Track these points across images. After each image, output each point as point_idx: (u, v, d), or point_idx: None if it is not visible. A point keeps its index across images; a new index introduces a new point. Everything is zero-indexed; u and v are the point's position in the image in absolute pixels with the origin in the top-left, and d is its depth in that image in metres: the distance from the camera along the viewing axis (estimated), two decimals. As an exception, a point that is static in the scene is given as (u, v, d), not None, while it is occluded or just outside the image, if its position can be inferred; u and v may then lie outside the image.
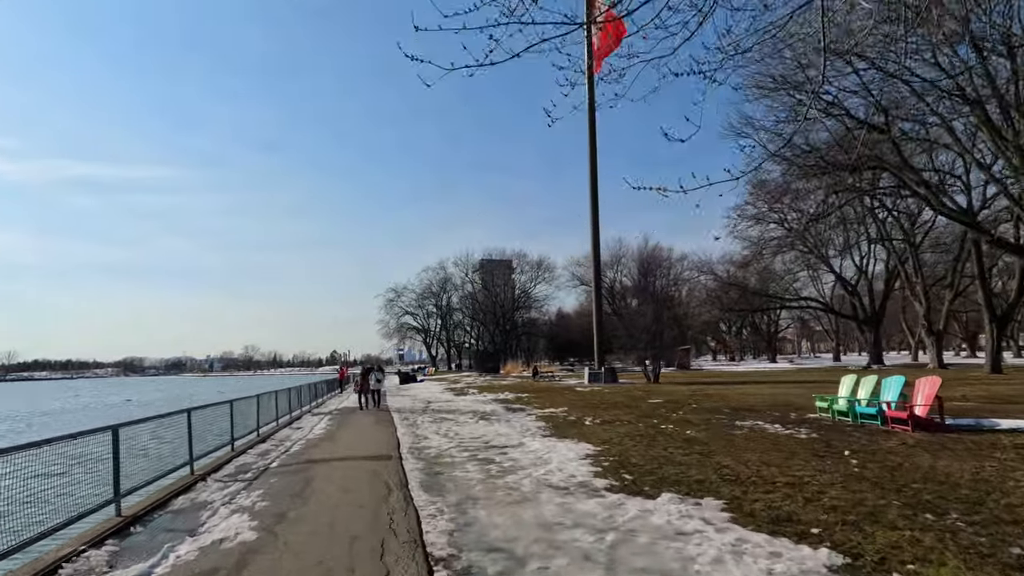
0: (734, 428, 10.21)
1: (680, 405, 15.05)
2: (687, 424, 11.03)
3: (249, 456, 9.45)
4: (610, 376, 27.95)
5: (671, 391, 20.66)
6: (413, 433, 11.59)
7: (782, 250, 49.98)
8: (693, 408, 14.16)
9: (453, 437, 10.78)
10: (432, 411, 17.02)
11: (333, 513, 5.46)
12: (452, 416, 15.02)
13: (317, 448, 9.84)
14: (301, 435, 12.09)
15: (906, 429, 8.84)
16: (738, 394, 18.11)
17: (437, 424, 13.16)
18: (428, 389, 31.38)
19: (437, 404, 19.71)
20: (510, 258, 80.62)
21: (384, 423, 13.89)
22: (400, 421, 14.05)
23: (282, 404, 15.29)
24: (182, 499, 6.43)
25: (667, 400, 16.80)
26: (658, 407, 14.81)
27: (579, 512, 5.24)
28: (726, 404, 14.80)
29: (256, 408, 12.14)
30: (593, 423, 12.00)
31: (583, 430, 10.94)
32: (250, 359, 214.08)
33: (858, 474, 6.17)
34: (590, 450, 8.54)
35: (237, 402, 11.28)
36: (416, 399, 23.01)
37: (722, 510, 5.10)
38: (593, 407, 15.60)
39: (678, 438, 9.30)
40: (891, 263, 44.04)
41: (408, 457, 8.51)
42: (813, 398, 12.69)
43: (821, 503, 5.10)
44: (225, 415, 10.24)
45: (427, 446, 9.74)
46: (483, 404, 18.86)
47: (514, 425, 12.42)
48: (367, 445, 9.99)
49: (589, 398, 19.01)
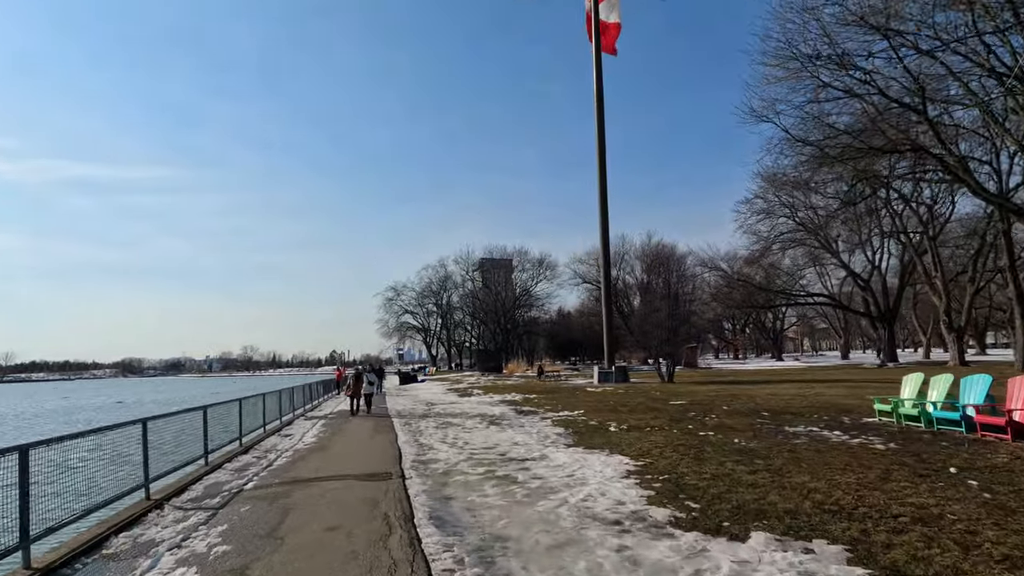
0: (788, 436, 8.81)
1: (709, 407, 13.65)
2: (730, 431, 9.62)
3: (224, 473, 8.02)
4: (621, 375, 26.57)
5: (691, 391, 19.26)
6: (416, 442, 10.17)
7: (792, 245, 48.73)
8: (726, 411, 12.76)
9: (463, 447, 9.37)
10: (436, 415, 15.60)
11: (311, 563, 4.04)
12: (458, 420, 13.61)
13: (305, 462, 8.41)
14: (289, 444, 10.66)
15: (1003, 438, 7.44)
16: (767, 394, 16.72)
17: (442, 430, 11.74)
18: (430, 390, 29.97)
19: (440, 406, 18.29)
20: (511, 255, 79.23)
21: (383, 430, 12.47)
22: (401, 427, 12.63)
23: (271, 408, 13.86)
24: (123, 537, 5.00)
25: (692, 402, 15.41)
26: (686, 410, 13.41)
27: (650, 565, 3.82)
28: (760, 406, 13.40)
29: (238, 414, 10.70)
30: (620, 429, 10.59)
31: (611, 438, 9.53)
32: (249, 359, 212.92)
33: (995, 502, 4.77)
34: (630, 465, 7.13)
35: (215, 407, 9.87)
36: (418, 401, 21.59)
37: (850, 562, 3.69)
38: (613, 410, 14.20)
39: (728, 449, 7.89)
40: (906, 257, 42.68)
41: (412, 475, 7.09)
42: (870, 400, 11.26)
43: (988, 552, 3.69)
44: (199, 424, 8.84)
45: (434, 459, 8.32)
46: (490, 406, 17.45)
47: (530, 432, 11.01)
48: (363, 458, 8.56)
49: (605, 399, 17.60)
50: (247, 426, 11.88)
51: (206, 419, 8.70)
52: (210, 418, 9.96)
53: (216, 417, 10.37)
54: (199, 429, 8.70)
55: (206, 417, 8.71)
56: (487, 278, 79.64)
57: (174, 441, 7.97)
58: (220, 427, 10.34)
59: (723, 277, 47.18)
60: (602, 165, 29.51)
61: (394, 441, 10.31)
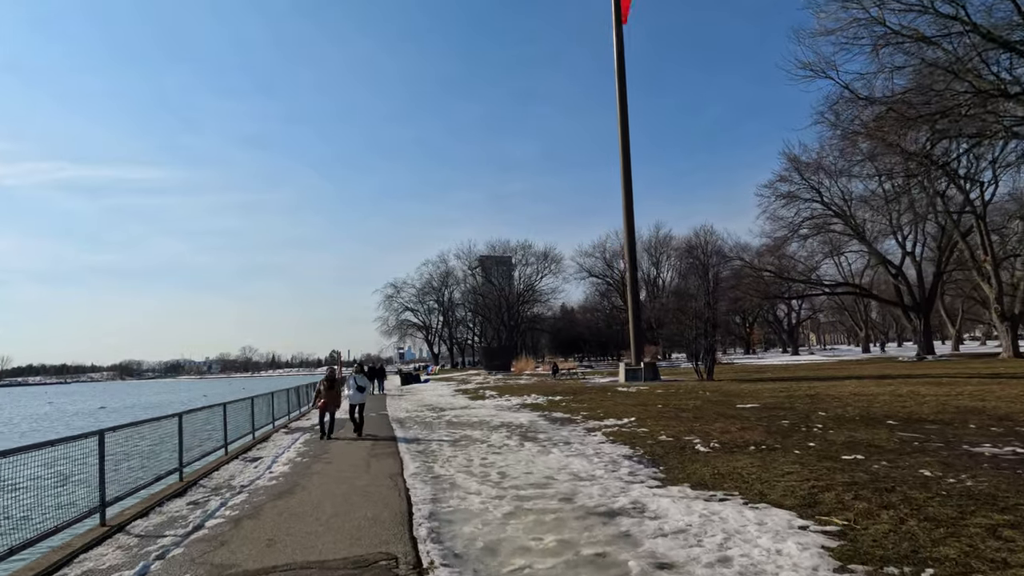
0: (978, 459, 5.80)
1: (801, 413, 10.61)
2: (889, 455, 6.57)
3: (115, 545, 4.92)
4: (651, 373, 23.54)
5: (748, 391, 16.19)
6: (430, 473, 7.10)
7: (817, 232, 45.65)
8: (832, 418, 9.72)
9: (499, 483, 6.32)
10: (448, 424, 12.55)
11: None
12: (479, 433, 10.56)
13: (255, 523, 5.26)
14: (249, 477, 7.58)
15: None
16: (850, 394, 13.65)
17: (463, 451, 8.69)
18: (435, 391, 26.89)
19: (452, 413, 15.24)
20: (515, 249, 76.20)
21: (382, 450, 9.38)
22: (407, 446, 9.55)
23: (238, 421, 10.81)
24: None
25: (765, 405, 12.38)
26: (770, 416, 10.36)
27: None
28: (874, 411, 10.36)
29: (178, 433, 7.61)
30: (712, 449, 7.54)
31: (716, 466, 6.49)
32: (248, 360, 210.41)
33: None
34: (817, 535, 4.07)
35: (148, 425, 6.85)
36: (423, 405, 18.53)
37: None
38: (674, 417, 11.16)
39: (953, 493, 4.83)
40: (943, 241, 39.61)
41: (434, 558, 4.01)
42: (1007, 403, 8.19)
43: None
44: (121, 449, 5.85)
45: (463, 510, 5.26)
46: (512, 412, 14.42)
47: (584, 452, 7.96)
48: (350, 513, 5.45)
49: (649, 402, 14.55)
50: (206, 446, 8.84)
51: (101, 448, 5.58)
52: (152, 438, 6.99)
53: (166, 436, 7.37)
54: (115, 459, 5.67)
55: (101, 445, 5.59)
56: (489, 273, 76.57)
57: (67, 480, 4.97)
58: (168, 448, 7.35)
59: (747, 266, 44.06)
60: (625, 145, 26.44)
61: (398, 472, 7.22)
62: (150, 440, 7.43)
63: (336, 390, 11.52)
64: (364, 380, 12.17)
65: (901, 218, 42.06)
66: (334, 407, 11.33)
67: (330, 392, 11.33)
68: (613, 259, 73.47)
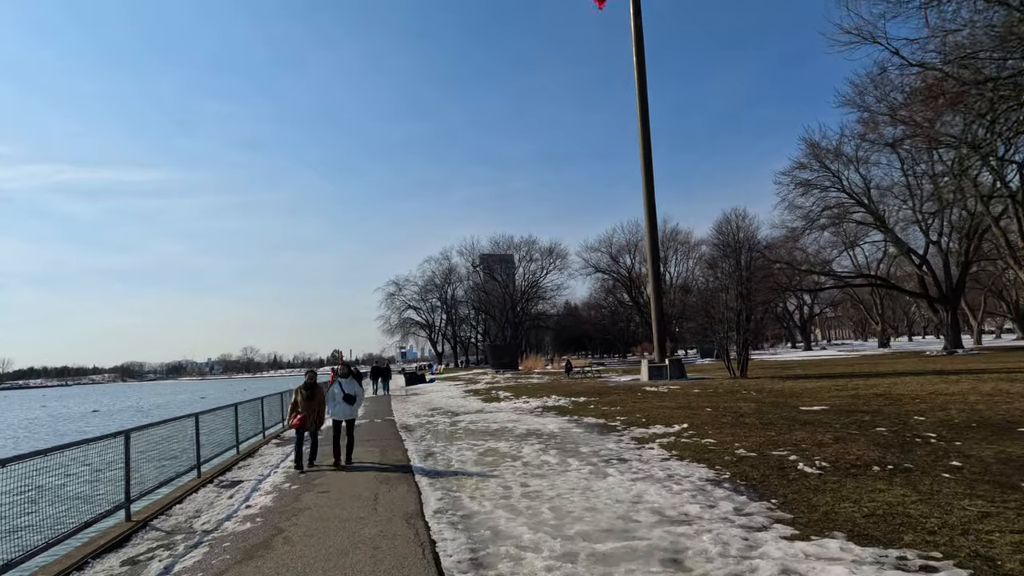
0: None
1: (876, 417, 8.81)
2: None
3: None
4: (677, 370, 21.74)
5: (799, 391, 14.36)
6: (459, 512, 5.31)
7: (836, 222, 43.77)
8: (927, 423, 7.92)
9: (564, 529, 4.53)
10: (466, 433, 10.76)
11: None
12: (506, 446, 8.77)
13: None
14: (218, 516, 5.79)
15: None
16: (929, 394, 11.83)
17: (494, 472, 6.90)
18: (443, 392, 25.10)
19: (467, 418, 13.45)
20: (519, 245, 74.32)
21: (393, 477, 7.58)
22: (423, 466, 7.76)
23: (217, 432, 9.03)
24: None
25: (834, 408, 10.57)
26: (858, 425, 8.55)
27: None
28: (966, 415, 8.56)
29: (125, 457, 5.82)
30: (823, 471, 5.75)
31: (857, 501, 4.69)
32: (250, 361, 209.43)
33: None
34: None
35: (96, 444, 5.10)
36: (433, 409, 16.75)
37: None
38: (739, 425, 9.37)
39: None
40: (971, 228, 37.72)
41: None
42: None
43: None
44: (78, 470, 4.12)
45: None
46: (536, 417, 12.63)
47: (652, 474, 6.17)
48: None
49: (695, 404, 12.75)
50: (169, 469, 7.06)
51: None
52: (97, 463, 5.26)
53: (115, 461, 5.60)
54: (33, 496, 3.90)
55: None
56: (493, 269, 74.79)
57: None
58: (112, 477, 5.60)
59: (762, 257, 42.22)
60: (645, 127, 24.59)
61: (416, 511, 5.41)
62: (96, 465, 5.71)
63: (319, 399, 8.44)
64: (354, 386, 8.45)
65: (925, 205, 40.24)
66: (316, 424, 8.39)
67: (310, 403, 8.26)
68: (619, 254, 71.62)
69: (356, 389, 8.43)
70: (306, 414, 8.16)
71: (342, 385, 8.37)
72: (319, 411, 8.40)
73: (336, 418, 8.38)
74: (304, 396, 8.27)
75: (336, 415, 8.35)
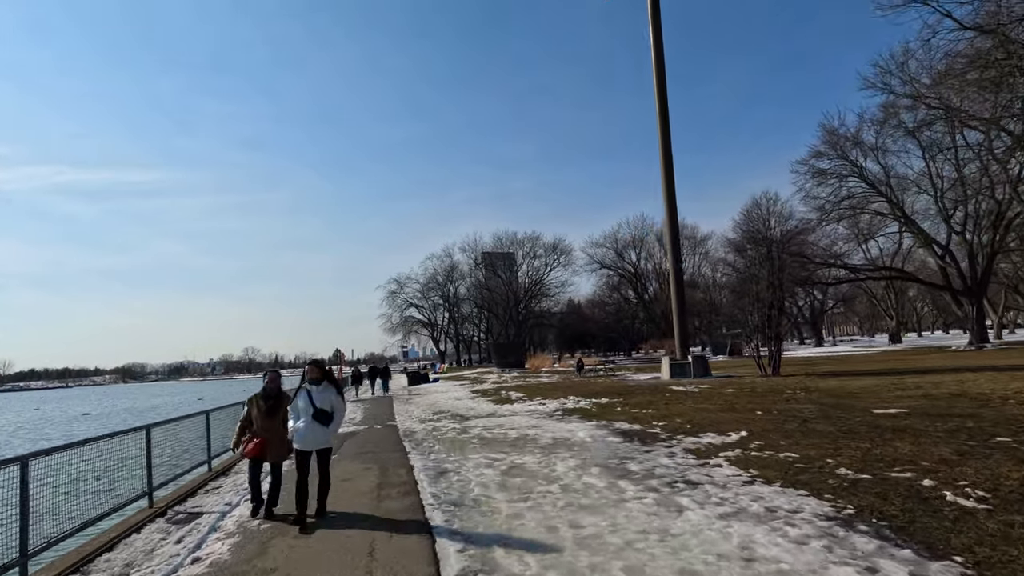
0: None
1: (978, 422, 7.19)
2: None
3: None
4: (701, 368, 20.15)
5: (851, 390, 12.73)
6: None
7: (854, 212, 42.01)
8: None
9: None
10: (481, 442, 9.16)
11: None
12: (534, 461, 7.15)
13: None
14: None
15: None
16: (1017, 392, 10.20)
17: (528, 504, 5.28)
18: (448, 393, 23.51)
19: (479, 424, 11.85)
20: (522, 241, 72.75)
21: (397, 508, 5.93)
22: (433, 493, 6.15)
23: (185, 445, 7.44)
24: None
25: (914, 411, 8.95)
26: (966, 432, 6.92)
27: None
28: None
29: (20, 492, 4.21)
30: (983, 502, 4.13)
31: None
32: (251, 361, 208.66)
33: None
34: None
35: None
36: (439, 412, 15.15)
37: None
38: (811, 433, 7.76)
39: None
40: (997, 218, 36.01)
41: None
42: None
43: None
44: None
45: None
46: (559, 423, 11.02)
47: (743, 506, 4.55)
48: None
49: (738, 405, 11.13)
50: (104, 503, 5.45)
51: None
52: None
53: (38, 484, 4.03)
54: None
55: None
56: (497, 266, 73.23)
57: None
58: None
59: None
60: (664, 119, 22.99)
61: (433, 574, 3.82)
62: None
63: (284, 416, 5.69)
64: (329, 397, 5.39)
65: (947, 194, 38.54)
66: (280, 454, 5.72)
67: (270, 421, 5.62)
68: (625, 249, 70.07)
69: (333, 401, 5.37)
70: (266, 437, 5.53)
71: (311, 395, 5.27)
72: (284, 432, 5.64)
73: (301, 447, 5.25)
74: (262, 409, 5.60)
75: (301, 442, 5.22)
